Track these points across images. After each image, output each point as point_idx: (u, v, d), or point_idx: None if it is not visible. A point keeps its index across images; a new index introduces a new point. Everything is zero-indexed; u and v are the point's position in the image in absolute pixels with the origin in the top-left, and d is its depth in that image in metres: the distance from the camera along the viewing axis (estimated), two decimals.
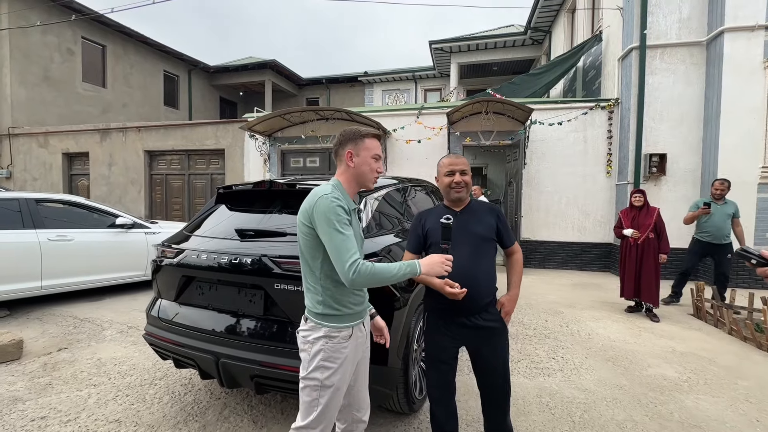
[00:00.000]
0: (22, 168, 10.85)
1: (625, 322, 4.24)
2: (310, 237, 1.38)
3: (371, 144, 1.49)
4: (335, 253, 1.30)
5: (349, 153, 1.47)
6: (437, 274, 1.45)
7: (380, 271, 1.32)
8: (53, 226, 4.44)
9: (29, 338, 3.58)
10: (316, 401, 1.40)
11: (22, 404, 2.48)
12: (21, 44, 10.60)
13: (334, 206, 1.32)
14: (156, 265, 2.36)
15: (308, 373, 1.41)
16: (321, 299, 1.41)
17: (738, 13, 5.72)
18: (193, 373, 2.93)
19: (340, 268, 1.29)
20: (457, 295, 1.66)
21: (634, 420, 2.37)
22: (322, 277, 1.40)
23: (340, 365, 1.40)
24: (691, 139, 6.28)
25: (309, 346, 1.41)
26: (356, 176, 1.48)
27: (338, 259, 1.29)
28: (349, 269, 1.26)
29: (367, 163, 1.47)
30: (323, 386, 1.39)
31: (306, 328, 1.44)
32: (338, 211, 1.32)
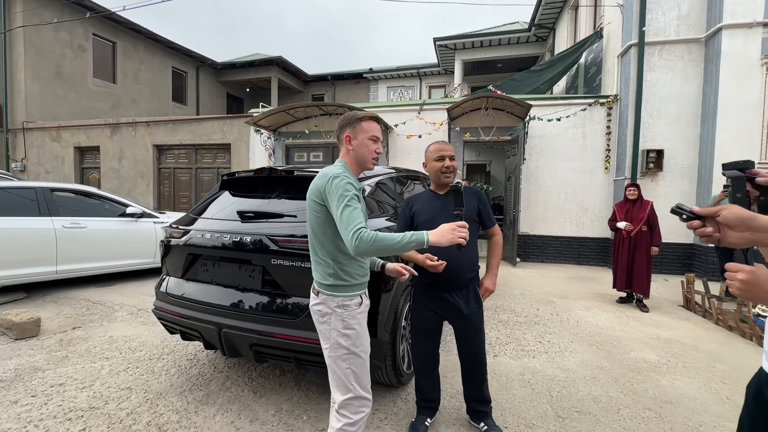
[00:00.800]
0: (35, 161, 11.18)
1: (615, 312, 4.37)
2: (321, 214, 1.46)
3: (368, 126, 1.55)
4: (343, 224, 1.35)
5: (347, 137, 1.54)
6: (450, 242, 1.40)
7: (383, 239, 1.33)
8: (67, 214, 4.67)
9: (45, 318, 3.80)
10: (347, 370, 1.46)
11: (42, 373, 2.70)
12: (34, 41, 10.90)
13: (344, 183, 1.40)
14: (164, 245, 2.54)
15: (332, 343, 1.46)
16: (332, 272, 1.47)
17: (736, 10, 5.77)
18: (197, 349, 3.13)
19: (345, 237, 1.34)
20: (437, 267, 1.82)
21: (609, 395, 2.51)
22: (333, 250, 1.48)
23: (360, 330, 1.49)
24: (689, 135, 6.35)
25: (327, 318, 1.47)
26: (356, 158, 1.55)
27: (344, 229, 1.34)
28: (353, 237, 1.31)
29: (365, 145, 1.54)
30: (351, 353, 1.46)
31: (319, 301, 1.50)
32: (348, 187, 1.40)
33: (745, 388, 1.10)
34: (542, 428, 2.15)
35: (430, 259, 1.82)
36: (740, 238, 0.83)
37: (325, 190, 1.42)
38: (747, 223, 0.81)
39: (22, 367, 2.76)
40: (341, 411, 1.47)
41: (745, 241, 0.83)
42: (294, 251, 2.03)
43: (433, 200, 2.09)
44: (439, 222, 2.01)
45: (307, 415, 2.25)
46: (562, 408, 2.35)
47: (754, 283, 0.80)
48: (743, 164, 0.88)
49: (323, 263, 1.49)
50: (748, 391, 1.11)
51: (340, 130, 1.58)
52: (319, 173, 1.49)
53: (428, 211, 2.07)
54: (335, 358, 1.47)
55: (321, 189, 1.44)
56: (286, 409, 2.31)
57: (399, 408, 2.33)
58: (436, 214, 2.04)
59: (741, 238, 0.83)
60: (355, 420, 1.46)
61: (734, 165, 0.88)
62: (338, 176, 1.42)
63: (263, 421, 2.18)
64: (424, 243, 1.37)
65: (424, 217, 2.06)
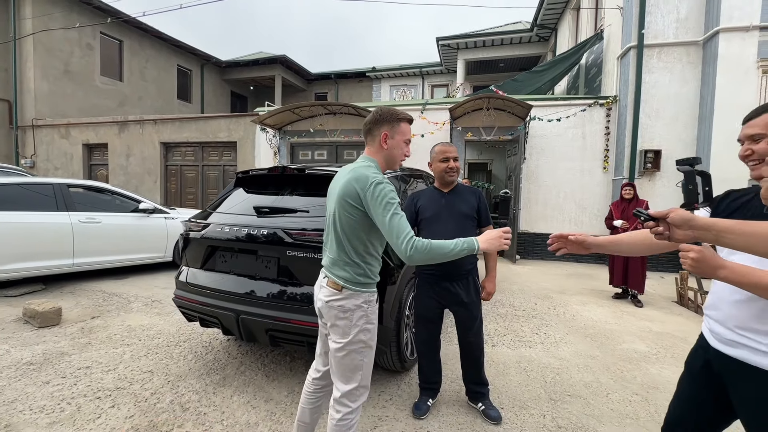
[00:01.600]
0: (44, 158, 11.38)
1: (610, 307, 4.53)
2: (357, 217, 1.43)
3: (406, 128, 1.56)
4: (393, 232, 1.35)
5: (385, 134, 1.52)
6: (497, 248, 1.45)
7: (437, 248, 1.36)
8: (83, 209, 4.85)
9: (65, 308, 3.99)
10: (360, 362, 1.49)
11: (69, 357, 2.88)
12: (44, 40, 11.08)
13: (388, 190, 1.39)
14: (184, 238, 2.72)
15: (353, 337, 1.46)
16: (362, 271, 1.48)
17: (733, 13, 5.90)
18: (213, 336, 3.31)
19: (397, 246, 1.35)
20: None
21: (600, 381, 2.68)
22: (364, 252, 1.48)
23: (376, 324, 1.55)
24: (686, 136, 6.49)
25: (350, 314, 1.46)
26: (388, 158, 1.55)
27: (395, 238, 1.35)
28: (407, 246, 1.33)
29: (399, 147, 1.55)
30: (367, 347, 1.50)
31: (342, 296, 1.47)
32: (393, 194, 1.39)
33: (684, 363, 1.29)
34: (535, 409, 2.32)
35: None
36: (684, 236, 0.99)
37: (366, 195, 1.39)
38: (689, 223, 0.97)
39: (49, 352, 2.95)
40: (342, 400, 1.49)
41: (688, 238, 0.99)
42: (307, 243, 2.20)
43: (437, 197, 2.27)
44: (443, 217, 2.19)
45: None
46: (554, 392, 2.52)
47: (702, 259, 0.99)
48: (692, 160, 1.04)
49: (352, 263, 1.47)
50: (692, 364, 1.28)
51: (377, 126, 1.53)
52: (353, 174, 1.45)
53: (432, 208, 2.24)
54: (351, 351, 1.47)
55: (361, 193, 1.40)
56: (298, 390, 2.48)
57: (403, 391, 2.51)
58: (439, 210, 2.22)
59: (684, 236, 0.99)
60: (355, 408, 1.51)
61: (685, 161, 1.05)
62: (381, 182, 1.40)
63: (277, 401, 2.36)
64: (475, 250, 1.42)
65: (429, 213, 2.24)
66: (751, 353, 1.06)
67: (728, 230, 0.92)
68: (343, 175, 1.52)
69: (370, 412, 2.25)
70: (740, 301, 1.08)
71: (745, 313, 1.07)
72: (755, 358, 1.05)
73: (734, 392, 1.12)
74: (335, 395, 1.52)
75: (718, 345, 1.15)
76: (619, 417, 2.26)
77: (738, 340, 1.09)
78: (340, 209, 1.46)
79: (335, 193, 1.51)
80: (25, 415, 2.16)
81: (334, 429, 1.50)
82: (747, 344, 1.07)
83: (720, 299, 1.16)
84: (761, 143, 1.11)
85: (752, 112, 1.17)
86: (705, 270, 1.00)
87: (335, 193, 1.51)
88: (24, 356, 2.87)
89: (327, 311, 1.50)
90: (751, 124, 1.15)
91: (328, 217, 1.56)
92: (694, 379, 1.26)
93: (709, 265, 0.99)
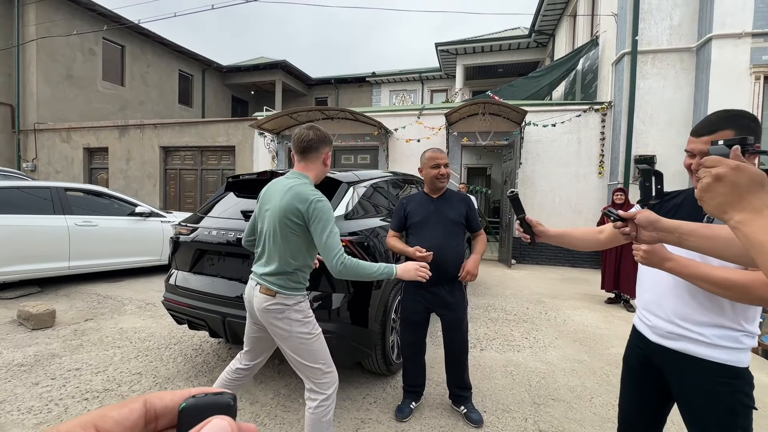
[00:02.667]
0: (46, 161, 11.49)
1: (602, 312, 4.54)
2: (300, 232, 1.58)
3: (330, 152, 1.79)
4: (327, 248, 1.52)
5: (327, 154, 1.72)
6: (411, 278, 1.68)
7: (363, 267, 1.56)
8: (80, 212, 4.91)
9: (60, 310, 4.02)
10: (311, 351, 1.62)
11: (59, 359, 2.91)
12: (46, 45, 11.23)
13: (327, 208, 1.55)
14: (174, 242, 2.76)
15: (294, 333, 1.59)
16: (297, 279, 1.63)
17: (726, 20, 5.94)
18: (203, 339, 3.34)
19: (330, 261, 1.52)
20: (426, 258, 2.02)
21: (585, 386, 2.70)
22: (302, 264, 1.63)
23: (312, 315, 1.67)
24: (680, 141, 6.51)
25: (286, 314, 1.59)
26: (320, 175, 1.74)
27: (329, 253, 1.52)
28: (337, 262, 1.51)
29: (329, 167, 1.78)
30: (311, 335, 1.63)
31: (276, 300, 1.59)
32: (330, 213, 1.56)
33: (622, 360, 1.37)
34: (518, 413, 2.33)
35: (419, 251, 2.03)
36: (650, 237, 1.02)
37: (307, 213, 1.54)
38: (654, 225, 1.00)
39: (40, 354, 2.98)
40: (315, 390, 1.63)
41: (653, 239, 1.02)
42: None
43: (426, 202, 2.30)
44: (431, 223, 2.23)
45: (303, 398, 2.44)
46: (539, 396, 2.54)
47: (652, 251, 1.07)
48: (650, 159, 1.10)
49: (289, 273, 1.60)
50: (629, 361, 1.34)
51: (321, 145, 1.69)
52: (294, 192, 1.56)
53: (421, 213, 2.27)
54: (301, 346, 1.61)
55: (302, 210, 1.54)
56: (284, 393, 2.51)
57: (387, 394, 2.53)
58: (428, 216, 2.25)
59: (650, 237, 1.02)
60: (329, 394, 1.64)
61: (643, 159, 1.10)
62: (321, 200, 1.55)
63: (263, 404, 2.38)
64: (392, 275, 1.63)
65: (417, 219, 2.27)
66: (692, 344, 1.12)
67: (691, 233, 0.95)
68: (280, 191, 1.62)
69: (353, 415, 2.28)
70: (681, 296, 1.14)
71: (687, 307, 1.13)
72: (696, 349, 1.11)
73: (676, 383, 1.18)
74: (307, 386, 1.66)
75: (659, 339, 1.20)
76: (601, 421, 2.28)
77: (680, 333, 1.14)
78: (281, 225, 1.58)
79: (275, 210, 1.60)
80: (12, 415, 2.19)
81: (311, 417, 1.62)
82: (688, 336, 1.12)
83: (661, 295, 1.21)
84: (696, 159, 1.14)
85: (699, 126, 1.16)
86: (654, 261, 1.08)
87: (275, 210, 1.60)
88: (15, 358, 2.90)
89: (263, 315, 1.62)
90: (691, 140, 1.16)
91: (264, 231, 1.65)
92: (634, 376, 1.31)
93: (658, 257, 1.07)
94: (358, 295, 2.31)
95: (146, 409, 0.31)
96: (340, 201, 2.49)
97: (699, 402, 1.12)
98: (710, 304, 1.09)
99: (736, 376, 1.07)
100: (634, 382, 1.33)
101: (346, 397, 2.46)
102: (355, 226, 2.42)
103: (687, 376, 1.14)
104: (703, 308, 1.10)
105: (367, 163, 8.60)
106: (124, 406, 0.30)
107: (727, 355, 1.07)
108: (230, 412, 0.31)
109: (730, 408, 1.06)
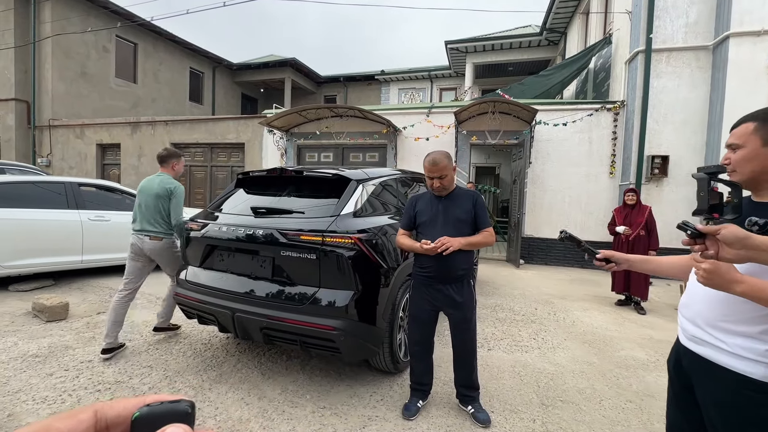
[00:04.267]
0: (60, 157, 11.70)
1: (612, 314, 4.48)
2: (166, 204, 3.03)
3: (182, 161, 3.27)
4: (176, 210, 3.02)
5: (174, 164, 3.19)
6: None
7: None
8: (93, 207, 4.99)
9: (73, 303, 4.10)
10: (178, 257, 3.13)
11: (73, 351, 2.97)
12: (61, 42, 11.40)
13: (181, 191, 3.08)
14: (185, 237, 2.79)
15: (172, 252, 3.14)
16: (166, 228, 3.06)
17: (744, 18, 5.80)
18: (212, 334, 3.37)
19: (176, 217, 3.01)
20: (429, 250, 2.03)
21: (594, 388, 2.66)
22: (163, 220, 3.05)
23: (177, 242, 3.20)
24: (695, 141, 6.39)
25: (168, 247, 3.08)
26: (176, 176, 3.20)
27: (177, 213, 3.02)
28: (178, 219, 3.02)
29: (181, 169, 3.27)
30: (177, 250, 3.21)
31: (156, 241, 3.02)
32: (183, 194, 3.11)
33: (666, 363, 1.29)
34: (526, 413, 2.32)
35: (425, 243, 2.03)
36: (736, 255, 0.90)
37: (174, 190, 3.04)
38: (743, 242, 0.89)
39: (54, 345, 3.04)
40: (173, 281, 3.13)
41: (740, 258, 0.90)
42: (301, 244, 2.25)
43: (434, 202, 2.29)
44: (439, 222, 2.21)
45: (310, 394, 2.46)
46: (547, 397, 2.52)
47: (715, 271, 0.94)
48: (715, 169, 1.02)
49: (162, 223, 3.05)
50: (669, 364, 1.30)
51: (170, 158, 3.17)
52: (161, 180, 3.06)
53: (428, 212, 2.26)
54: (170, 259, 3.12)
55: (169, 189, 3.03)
56: (292, 389, 2.52)
57: (395, 392, 2.53)
58: (436, 215, 2.24)
59: (737, 255, 0.90)
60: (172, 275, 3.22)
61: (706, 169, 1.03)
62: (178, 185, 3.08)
63: (270, 399, 2.40)
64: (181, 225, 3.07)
65: (425, 217, 2.26)
66: (715, 351, 1.08)
67: None
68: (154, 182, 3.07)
69: (360, 412, 2.28)
70: (710, 301, 1.09)
71: (714, 312, 1.08)
72: (719, 357, 1.07)
73: (698, 390, 1.14)
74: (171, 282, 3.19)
75: (687, 342, 1.17)
76: (610, 424, 2.25)
77: (704, 338, 1.10)
78: (155, 200, 3.01)
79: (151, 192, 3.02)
80: (27, 405, 2.24)
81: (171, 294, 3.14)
82: (712, 342, 1.08)
83: (692, 298, 1.17)
84: (737, 152, 1.11)
85: (738, 120, 1.16)
86: (719, 283, 0.95)
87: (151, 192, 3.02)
88: (30, 349, 2.96)
89: (155, 254, 3.04)
90: (732, 133, 1.15)
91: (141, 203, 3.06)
92: (671, 380, 1.28)
93: (724, 279, 0.94)
94: (366, 293, 2.31)
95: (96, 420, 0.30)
96: (350, 198, 2.49)
97: (717, 410, 1.08)
98: (740, 313, 1.03)
99: (759, 390, 1.00)
100: (672, 388, 1.28)
101: (353, 395, 2.47)
102: (363, 224, 2.42)
103: (708, 382, 1.10)
104: (732, 317, 1.04)
105: (376, 161, 8.59)
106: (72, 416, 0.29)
107: (752, 368, 1.01)
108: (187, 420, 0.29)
109: (749, 421, 1.02)
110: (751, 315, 1.01)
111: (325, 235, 2.22)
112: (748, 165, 1.08)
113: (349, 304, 2.23)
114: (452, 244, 2.05)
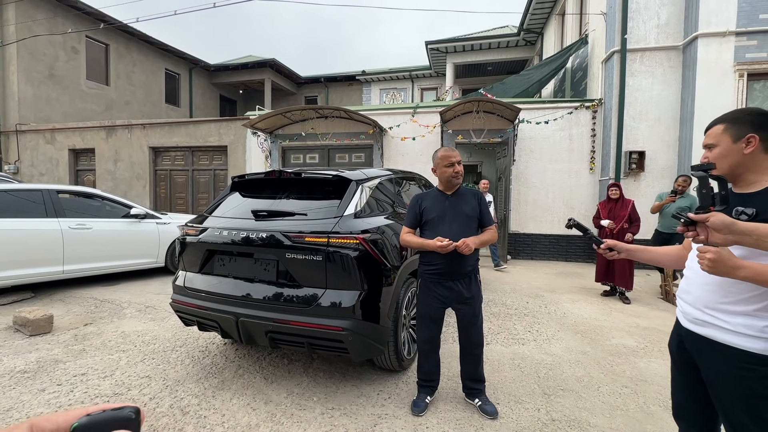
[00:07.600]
0: (29, 164, 11.15)
1: (599, 304, 4.65)
2: None
3: None
4: None
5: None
6: None
7: None
8: (73, 215, 4.80)
9: (56, 315, 3.93)
10: None
11: (63, 364, 2.86)
12: (27, 43, 10.87)
13: None
14: (181, 243, 2.73)
15: None
16: None
17: (711, 19, 6.12)
18: (209, 340, 3.31)
19: None
20: (446, 247, 2.06)
21: (591, 376, 2.77)
22: None
23: None
24: (668, 137, 6.70)
25: None
26: None
27: None
28: None
29: None
30: None
31: None
32: None
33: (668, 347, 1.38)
34: (530, 403, 2.39)
35: (440, 240, 2.09)
36: (724, 239, 1.00)
37: None
38: (729, 228, 0.99)
39: (43, 360, 2.92)
40: None
41: (727, 242, 1.01)
42: (307, 246, 2.24)
43: (441, 199, 2.33)
44: (447, 219, 2.25)
45: (317, 396, 2.45)
46: (548, 387, 2.60)
47: (719, 260, 1.02)
48: (707, 166, 1.11)
49: None
50: (671, 347, 1.39)
51: None
52: None
53: (437, 210, 2.30)
54: None
55: None
56: (297, 392, 2.51)
57: (401, 389, 2.55)
58: (444, 212, 2.28)
59: (724, 239, 1.00)
60: None
61: (699, 167, 1.11)
62: None
63: (277, 403, 2.38)
64: None
65: (433, 215, 2.29)
66: (717, 331, 1.16)
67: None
68: None
69: (369, 411, 2.30)
70: (708, 284, 1.18)
71: (713, 296, 1.17)
72: (722, 335, 1.15)
73: (703, 368, 1.23)
74: None
75: (689, 324, 1.26)
76: (610, 409, 2.35)
77: (706, 320, 1.19)
78: None
79: None
80: None
81: None
82: (714, 323, 1.17)
83: (691, 284, 1.26)
84: (713, 151, 1.22)
85: (710, 123, 1.27)
86: (722, 270, 1.03)
87: None
88: (17, 364, 2.83)
89: None
90: (707, 134, 1.26)
91: None
92: (675, 361, 1.36)
93: (727, 266, 1.02)
94: (372, 293, 2.32)
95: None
96: (351, 199, 2.50)
97: (723, 385, 1.16)
98: (735, 294, 1.12)
99: (761, 363, 1.08)
100: (675, 367, 1.37)
101: (360, 394, 2.48)
102: (364, 224, 2.43)
103: (713, 360, 1.18)
104: (729, 298, 1.13)
105: (362, 162, 8.59)
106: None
107: (753, 343, 1.09)
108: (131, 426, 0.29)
109: (755, 393, 1.10)
110: (746, 295, 1.11)
111: (330, 236, 2.22)
112: (725, 161, 1.19)
113: (356, 304, 2.24)
114: (471, 245, 2.12)
